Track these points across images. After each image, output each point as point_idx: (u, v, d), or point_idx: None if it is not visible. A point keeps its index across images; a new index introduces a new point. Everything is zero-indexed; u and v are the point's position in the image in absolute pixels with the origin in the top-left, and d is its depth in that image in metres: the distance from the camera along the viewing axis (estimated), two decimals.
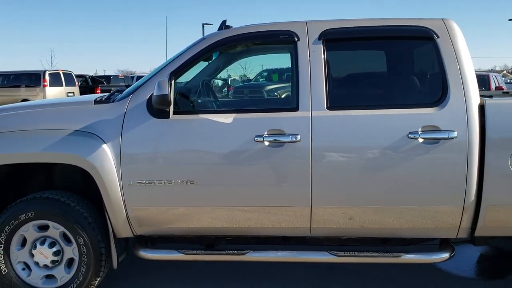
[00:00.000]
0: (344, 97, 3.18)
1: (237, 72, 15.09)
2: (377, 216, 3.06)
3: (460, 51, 3.05)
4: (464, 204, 2.97)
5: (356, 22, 3.18)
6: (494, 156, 2.93)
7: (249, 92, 7.98)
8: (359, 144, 3.00)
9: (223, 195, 3.09)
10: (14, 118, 3.27)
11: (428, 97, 3.05)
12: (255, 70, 16.83)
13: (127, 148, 3.07)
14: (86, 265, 3.17)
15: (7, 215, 3.18)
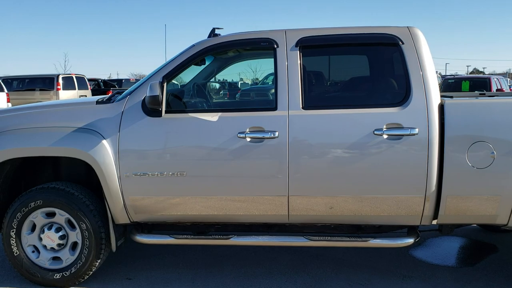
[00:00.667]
0: (318, 98, 3.53)
1: (248, 76, 15.49)
2: (348, 205, 3.39)
3: (423, 56, 3.37)
4: (425, 194, 3.29)
5: (329, 30, 3.52)
6: (453, 151, 3.25)
7: (244, 95, 8.36)
8: (330, 140, 3.34)
9: (210, 186, 3.45)
10: (26, 117, 3.67)
11: (393, 98, 3.37)
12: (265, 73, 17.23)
13: (124, 144, 3.44)
14: (88, 248, 3.55)
15: (19, 203, 3.58)
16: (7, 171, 3.68)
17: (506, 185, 3.22)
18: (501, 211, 3.28)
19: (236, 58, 4.27)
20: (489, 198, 3.27)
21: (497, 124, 3.23)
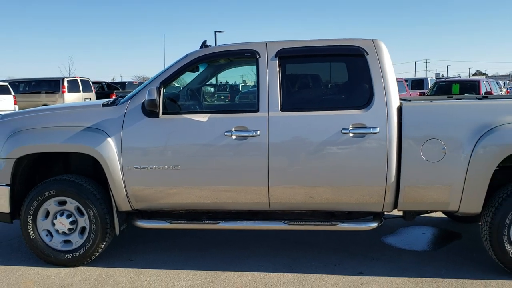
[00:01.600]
0: (294, 101, 4.03)
1: (250, 78, 16.07)
2: (321, 193, 3.90)
3: (385, 66, 3.90)
4: (386, 184, 3.80)
5: (305, 42, 4.05)
6: (409, 147, 3.77)
7: (243, 97, 8.88)
8: (304, 138, 3.86)
9: (201, 178, 3.97)
10: (41, 118, 4.21)
11: (358, 101, 3.89)
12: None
13: (126, 141, 3.98)
14: (95, 232, 4.08)
15: (35, 193, 4.12)
16: (24, 165, 4.21)
17: (455, 176, 3.73)
18: (452, 199, 3.80)
19: (226, 66, 4.80)
20: (441, 187, 3.78)
21: (447, 124, 3.75)
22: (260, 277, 3.92)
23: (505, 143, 3.63)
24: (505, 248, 3.77)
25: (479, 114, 3.75)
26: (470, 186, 3.72)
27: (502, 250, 3.78)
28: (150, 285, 3.78)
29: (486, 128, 3.68)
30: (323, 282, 3.80)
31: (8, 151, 4.07)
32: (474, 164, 3.68)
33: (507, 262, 3.80)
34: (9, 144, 4.07)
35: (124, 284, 3.81)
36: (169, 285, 3.78)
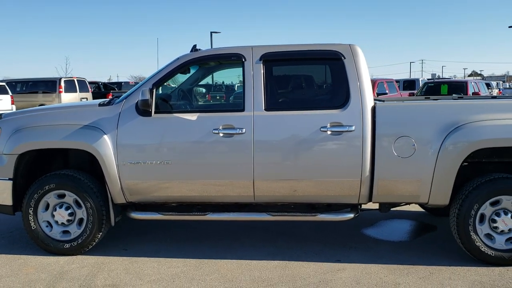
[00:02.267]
0: (277, 102, 4.34)
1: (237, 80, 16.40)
2: (302, 187, 4.22)
3: (360, 69, 4.21)
4: (361, 178, 4.12)
5: (288, 47, 4.36)
6: (382, 144, 4.09)
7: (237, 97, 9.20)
8: (286, 135, 4.18)
9: (191, 172, 4.27)
10: (42, 116, 4.51)
11: (336, 102, 4.20)
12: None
13: (121, 138, 4.28)
14: (92, 223, 4.38)
15: (36, 186, 4.41)
16: (26, 160, 4.51)
17: (425, 171, 4.06)
18: (422, 191, 4.12)
19: (215, 68, 5.12)
20: (412, 181, 4.10)
21: (417, 123, 4.08)
22: (245, 264, 4.23)
23: (470, 140, 3.95)
24: (471, 237, 4.09)
25: (446, 113, 4.07)
26: (438, 180, 4.05)
27: (468, 239, 4.11)
28: (143, 272, 4.09)
29: (453, 126, 4.01)
30: (303, 268, 4.11)
31: (11, 148, 4.36)
32: (441, 160, 4.01)
33: (472, 250, 4.12)
34: (12, 141, 4.37)
35: (118, 271, 4.11)
36: (161, 272, 4.08)
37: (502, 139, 3.97)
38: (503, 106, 4.23)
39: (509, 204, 4.09)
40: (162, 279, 3.92)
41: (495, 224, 4.10)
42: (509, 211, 4.11)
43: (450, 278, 3.89)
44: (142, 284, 3.84)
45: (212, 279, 3.92)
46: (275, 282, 3.84)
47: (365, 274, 3.99)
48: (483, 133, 3.95)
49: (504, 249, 4.10)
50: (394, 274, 3.99)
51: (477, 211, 4.08)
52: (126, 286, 3.81)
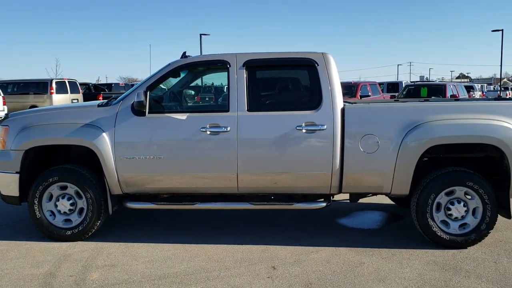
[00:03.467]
0: (258, 103, 4.85)
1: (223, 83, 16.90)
2: (281, 179, 4.74)
3: (332, 75, 4.76)
4: (332, 171, 4.66)
5: (268, 54, 4.89)
6: (350, 141, 4.63)
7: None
8: (267, 133, 4.70)
9: (181, 166, 4.78)
10: (45, 116, 4.99)
11: (310, 104, 4.74)
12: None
13: (118, 136, 4.77)
14: (92, 212, 4.87)
15: (40, 179, 4.89)
16: (31, 156, 4.98)
17: (387, 165, 4.61)
18: (385, 183, 4.67)
19: (202, 73, 5.63)
20: (376, 174, 4.66)
21: (380, 122, 4.63)
22: (230, 247, 4.75)
23: (425, 138, 4.51)
24: (429, 223, 4.66)
25: (406, 114, 4.63)
26: (399, 173, 4.60)
27: (426, 225, 4.67)
28: (138, 254, 4.59)
29: (412, 125, 4.57)
30: (281, 251, 4.64)
31: (18, 144, 4.84)
32: (401, 155, 4.56)
33: (430, 234, 4.68)
34: (19, 138, 4.84)
35: (116, 254, 4.60)
36: (154, 254, 4.59)
37: (453, 136, 4.53)
38: (457, 107, 4.80)
39: (462, 194, 4.66)
40: (156, 260, 4.43)
41: (450, 211, 4.67)
42: (462, 200, 4.67)
43: (409, 259, 4.44)
44: (138, 264, 4.34)
45: (200, 260, 4.43)
46: (256, 262, 4.37)
47: (334, 255, 4.53)
48: (437, 131, 4.51)
49: (458, 233, 4.67)
50: (360, 255, 4.53)
51: (433, 200, 4.65)
52: (124, 266, 4.30)
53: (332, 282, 3.94)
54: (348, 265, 4.28)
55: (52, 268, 4.26)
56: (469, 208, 4.67)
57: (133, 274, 4.12)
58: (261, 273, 4.11)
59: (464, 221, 4.68)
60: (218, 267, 4.26)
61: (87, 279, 4.02)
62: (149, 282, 3.94)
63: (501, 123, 4.54)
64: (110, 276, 4.07)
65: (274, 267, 4.25)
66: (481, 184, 4.59)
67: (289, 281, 3.95)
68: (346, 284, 3.89)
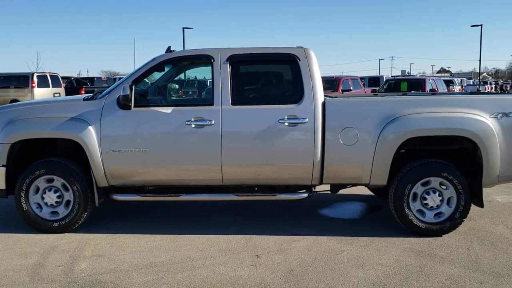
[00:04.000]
0: (242, 97, 4.97)
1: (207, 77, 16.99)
2: (265, 171, 4.89)
3: (313, 70, 4.91)
4: (313, 163, 4.83)
5: (250, 49, 5.02)
6: (331, 134, 4.80)
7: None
8: (250, 126, 4.84)
9: (166, 159, 4.88)
10: (32, 109, 5.05)
11: (292, 98, 4.88)
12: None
13: (104, 129, 4.85)
14: (78, 204, 4.95)
15: (27, 172, 4.95)
16: (17, 149, 5.03)
17: (366, 157, 4.79)
18: (364, 174, 4.86)
19: (187, 67, 5.74)
20: (355, 165, 4.83)
21: (359, 116, 4.80)
22: (214, 238, 4.89)
23: (402, 131, 4.70)
24: (405, 212, 4.86)
25: (384, 107, 4.81)
26: (377, 164, 4.79)
27: (403, 214, 4.87)
28: (125, 245, 4.70)
29: (389, 119, 4.75)
30: (264, 240, 4.80)
31: (4, 137, 4.89)
32: (379, 147, 4.75)
33: (407, 223, 4.89)
34: (6, 131, 4.89)
35: (103, 244, 4.71)
36: (140, 244, 4.70)
37: (429, 129, 4.73)
38: (433, 101, 4.99)
39: (437, 184, 4.87)
40: (142, 250, 4.54)
41: (426, 201, 4.88)
42: (437, 190, 4.88)
43: (386, 246, 4.64)
44: (125, 254, 4.45)
45: (185, 249, 4.56)
46: (240, 251, 4.52)
47: (316, 243, 4.71)
48: (413, 124, 4.71)
49: (433, 222, 4.88)
50: (340, 243, 4.72)
51: (410, 190, 4.85)
52: (111, 256, 4.41)
53: (313, 268, 4.11)
54: (328, 253, 4.46)
55: (40, 258, 4.34)
56: (444, 198, 4.88)
57: (121, 263, 4.23)
58: (245, 261, 4.26)
59: (439, 210, 4.89)
60: (203, 256, 4.40)
61: (76, 268, 4.12)
62: (136, 271, 4.06)
63: (474, 116, 4.75)
64: (98, 266, 4.17)
65: (257, 255, 4.40)
66: (455, 174, 4.80)
67: (272, 268, 4.10)
68: (327, 270, 4.07)
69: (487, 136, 4.71)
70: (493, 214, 5.70)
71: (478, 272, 4.02)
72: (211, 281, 3.87)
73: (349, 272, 4.03)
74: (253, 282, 3.84)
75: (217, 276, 3.96)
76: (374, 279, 3.90)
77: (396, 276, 3.95)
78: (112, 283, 3.83)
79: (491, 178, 4.82)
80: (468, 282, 3.84)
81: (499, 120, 4.76)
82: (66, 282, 3.86)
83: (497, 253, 4.44)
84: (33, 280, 3.90)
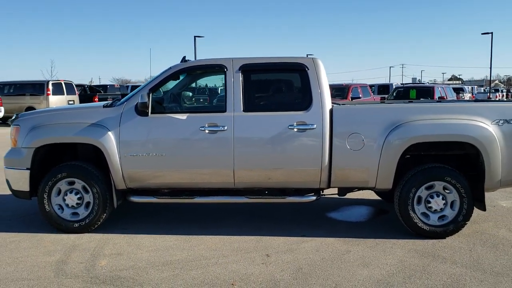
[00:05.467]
0: (253, 104, 5.22)
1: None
2: (275, 174, 5.12)
3: (321, 78, 5.15)
4: (321, 167, 5.05)
5: (262, 59, 5.28)
6: (338, 139, 5.02)
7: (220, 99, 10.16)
8: (261, 131, 5.08)
9: (181, 163, 5.14)
10: (55, 116, 5.35)
11: (301, 105, 5.12)
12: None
13: (123, 134, 5.13)
14: (97, 206, 5.22)
15: (50, 175, 5.23)
16: (41, 153, 5.32)
17: (372, 161, 5.00)
18: (370, 178, 5.07)
19: (201, 75, 6.02)
20: (361, 169, 5.05)
21: (365, 122, 5.03)
22: (227, 238, 5.12)
23: (406, 136, 4.91)
24: (410, 215, 5.05)
25: (389, 114, 5.03)
26: (382, 168, 5.00)
27: (408, 217, 5.06)
28: (142, 244, 4.95)
29: (394, 125, 4.96)
30: (274, 241, 5.02)
31: (29, 142, 5.19)
32: (385, 152, 4.96)
33: (411, 226, 5.08)
34: (30, 136, 5.19)
35: (122, 244, 4.96)
36: (156, 244, 4.95)
37: (433, 135, 4.94)
38: (437, 108, 5.19)
39: (441, 188, 5.06)
40: (158, 249, 4.79)
41: (430, 204, 5.07)
42: (441, 193, 5.08)
43: (391, 247, 4.83)
44: (143, 252, 4.70)
45: (199, 249, 4.80)
46: (251, 251, 4.74)
47: (324, 244, 4.92)
48: (417, 130, 4.92)
49: (437, 224, 5.07)
50: (347, 244, 4.92)
51: (414, 194, 5.04)
52: (129, 254, 4.66)
53: (321, 267, 4.32)
54: (335, 253, 4.67)
55: (63, 256, 4.61)
56: (448, 201, 5.07)
57: (138, 261, 4.48)
58: (256, 260, 4.49)
59: (443, 213, 5.08)
60: (216, 255, 4.63)
61: (97, 265, 4.38)
62: (153, 268, 4.31)
63: (476, 123, 4.95)
64: (117, 263, 4.43)
65: (268, 254, 4.63)
66: (459, 179, 4.99)
67: (281, 267, 4.32)
68: (334, 269, 4.28)
69: (489, 142, 4.90)
70: (497, 218, 5.86)
71: (479, 272, 4.20)
72: (224, 277, 4.10)
73: (355, 271, 4.23)
74: (264, 279, 4.06)
75: (230, 273, 4.19)
76: (379, 277, 4.10)
77: (399, 275, 4.15)
78: (131, 279, 4.08)
79: (493, 183, 5.00)
80: (469, 280, 4.03)
81: (501, 126, 4.96)
82: (88, 277, 4.12)
83: (498, 254, 4.62)
84: (58, 275, 4.17)
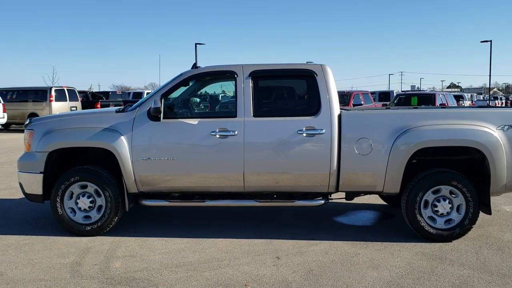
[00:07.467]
0: (263, 110, 5.33)
1: (230, 89, 17.63)
2: (284, 178, 5.22)
3: (329, 84, 5.26)
4: (330, 172, 5.15)
5: (271, 65, 5.39)
6: (346, 144, 5.13)
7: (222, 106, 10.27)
8: (270, 136, 5.18)
9: (192, 167, 5.24)
10: (68, 120, 5.45)
11: (310, 110, 5.23)
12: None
13: (135, 139, 5.23)
14: (110, 209, 5.30)
15: (62, 178, 5.32)
16: (54, 157, 5.42)
17: (380, 166, 5.10)
18: (378, 182, 5.16)
19: (211, 81, 6.12)
20: (370, 174, 5.15)
21: (373, 127, 5.13)
22: (237, 241, 5.20)
23: (413, 141, 5.02)
24: (417, 219, 5.14)
25: (396, 120, 5.13)
26: (390, 173, 5.09)
27: (415, 221, 5.15)
28: (154, 246, 5.03)
29: (401, 130, 5.07)
30: (284, 244, 5.11)
31: (42, 147, 5.28)
32: (392, 157, 5.06)
33: (418, 229, 5.17)
34: (44, 141, 5.29)
35: (134, 246, 5.05)
36: (168, 246, 5.03)
37: (439, 140, 5.04)
38: (443, 114, 5.30)
39: (447, 192, 5.16)
40: (171, 252, 4.88)
41: (436, 208, 5.16)
42: (447, 198, 5.17)
43: (399, 250, 4.92)
44: (155, 255, 4.79)
45: (211, 251, 4.89)
46: (262, 253, 4.83)
47: (332, 247, 5.00)
48: (424, 135, 5.02)
49: (444, 228, 5.16)
50: (355, 247, 5.01)
51: (421, 198, 5.14)
52: (142, 256, 4.74)
53: (331, 269, 4.41)
54: (345, 256, 4.76)
55: (77, 258, 4.69)
56: (454, 205, 5.16)
57: (152, 263, 4.56)
58: (267, 262, 4.57)
59: (449, 217, 5.17)
60: (227, 257, 4.72)
61: (111, 267, 4.46)
62: (167, 269, 4.39)
63: (482, 128, 5.06)
64: (131, 265, 4.51)
65: (278, 257, 4.71)
66: (465, 183, 5.09)
67: (292, 268, 4.41)
68: (344, 270, 4.37)
69: (494, 147, 5.00)
70: (502, 222, 5.96)
71: (486, 274, 4.29)
72: (237, 278, 4.18)
73: (365, 273, 4.32)
74: (276, 280, 4.15)
75: (242, 274, 4.27)
76: (389, 278, 4.19)
77: (409, 276, 4.24)
78: (146, 280, 4.16)
79: (498, 187, 5.10)
80: (477, 282, 4.11)
81: (505, 132, 5.06)
82: (103, 278, 4.20)
83: (504, 257, 4.71)
84: (74, 276, 4.25)
